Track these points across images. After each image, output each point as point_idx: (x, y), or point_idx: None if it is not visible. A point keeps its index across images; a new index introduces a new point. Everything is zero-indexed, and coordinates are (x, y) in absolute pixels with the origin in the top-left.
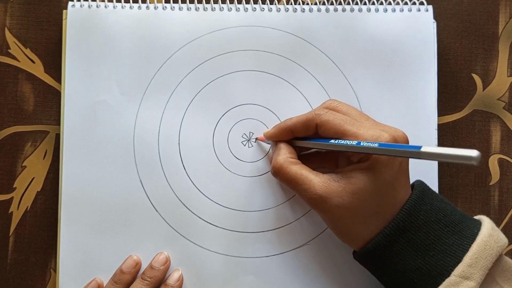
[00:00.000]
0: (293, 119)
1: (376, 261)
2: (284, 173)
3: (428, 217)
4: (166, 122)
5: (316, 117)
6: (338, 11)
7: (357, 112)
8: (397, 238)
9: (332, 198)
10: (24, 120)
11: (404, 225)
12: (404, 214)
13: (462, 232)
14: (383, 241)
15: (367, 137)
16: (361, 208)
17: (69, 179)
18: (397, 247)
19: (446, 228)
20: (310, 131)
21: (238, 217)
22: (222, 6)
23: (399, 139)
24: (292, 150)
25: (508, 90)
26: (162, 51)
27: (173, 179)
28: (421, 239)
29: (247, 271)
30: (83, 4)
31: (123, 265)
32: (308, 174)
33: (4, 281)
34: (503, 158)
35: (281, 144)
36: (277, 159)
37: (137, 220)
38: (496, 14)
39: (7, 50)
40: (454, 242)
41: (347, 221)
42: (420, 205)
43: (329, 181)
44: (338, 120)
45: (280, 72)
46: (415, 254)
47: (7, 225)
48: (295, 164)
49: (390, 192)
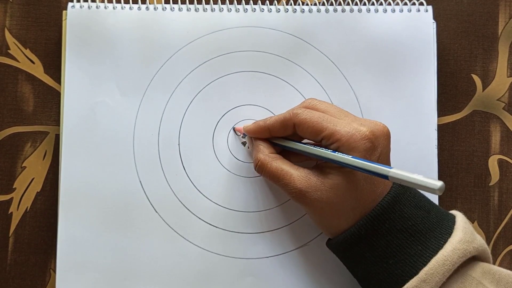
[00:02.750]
0: (272, 118)
1: (341, 256)
2: (266, 170)
3: (393, 226)
4: (166, 123)
5: (294, 117)
6: (338, 12)
7: (336, 109)
8: (357, 243)
9: (311, 192)
10: (23, 120)
11: (365, 232)
12: (366, 222)
13: (426, 242)
14: (344, 243)
15: (343, 133)
16: (338, 203)
17: (69, 180)
18: (358, 250)
19: (410, 237)
20: (288, 131)
21: (237, 218)
22: (222, 7)
23: (377, 132)
24: (270, 145)
25: (507, 91)
26: (162, 51)
27: (173, 180)
28: (382, 246)
29: (247, 272)
30: (83, 5)
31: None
32: (289, 169)
33: (4, 281)
34: (502, 159)
35: (258, 141)
36: (258, 156)
37: (137, 221)
38: (496, 15)
39: (7, 50)
40: (416, 252)
41: (326, 214)
42: (387, 213)
43: (308, 176)
44: (315, 118)
45: (280, 73)
46: (374, 260)
47: (6, 225)
48: (275, 159)
49: (368, 186)
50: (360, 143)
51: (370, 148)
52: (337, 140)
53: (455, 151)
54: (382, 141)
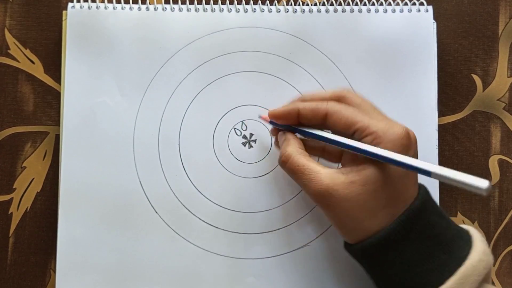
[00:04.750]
0: (302, 103)
1: (366, 261)
2: (291, 163)
3: (422, 232)
4: (166, 123)
5: (327, 106)
6: (338, 12)
7: (370, 105)
8: (389, 248)
9: (339, 190)
10: (24, 120)
11: (397, 236)
12: (399, 224)
13: (453, 252)
14: (373, 247)
15: (380, 126)
16: (370, 200)
17: (69, 180)
18: (387, 255)
19: (437, 246)
20: (317, 120)
21: (238, 219)
22: (222, 7)
23: (412, 135)
24: (301, 142)
25: (508, 91)
26: (162, 52)
27: (173, 180)
28: (412, 253)
29: (247, 273)
30: (83, 5)
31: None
32: (315, 166)
33: (4, 282)
34: (503, 159)
35: (290, 135)
36: (287, 149)
37: (137, 222)
38: (496, 15)
39: (7, 50)
40: (443, 262)
41: (355, 215)
42: (417, 218)
43: (336, 174)
44: (350, 110)
45: (280, 73)
46: (402, 267)
47: (7, 225)
48: (304, 155)
49: (401, 187)
50: (398, 137)
51: (407, 145)
52: (372, 132)
53: (455, 151)
54: (414, 143)
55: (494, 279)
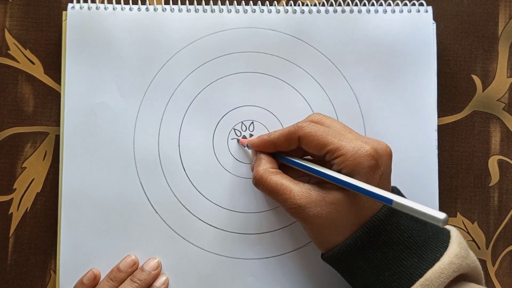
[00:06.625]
0: (277, 132)
1: (337, 268)
2: (264, 184)
3: (389, 237)
4: (166, 124)
5: (299, 130)
6: (337, 12)
7: (340, 125)
8: (353, 255)
9: (311, 207)
10: (24, 121)
11: (361, 244)
12: (362, 233)
13: (423, 255)
14: (339, 255)
15: (348, 148)
16: (339, 218)
17: (69, 181)
18: (354, 262)
19: (407, 249)
20: (292, 145)
21: (238, 219)
22: (221, 7)
23: (381, 152)
24: (273, 160)
25: (507, 91)
26: (162, 53)
27: (173, 181)
28: (379, 258)
29: (247, 273)
30: (83, 6)
31: (120, 263)
32: (289, 184)
33: (4, 282)
34: (502, 159)
35: (262, 154)
36: (258, 169)
37: (137, 222)
38: (496, 15)
39: (7, 51)
40: (412, 264)
41: (325, 230)
42: (383, 225)
43: (309, 191)
44: (320, 132)
45: (280, 74)
46: (370, 272)
47: (7, 226)
48: (275, 174)
49: (368, 201)
50: (365, 159)
51: (374, 165)
52: (341, 155)
53: (455, 152)
54: (385, 160)
55: (494, 279)
